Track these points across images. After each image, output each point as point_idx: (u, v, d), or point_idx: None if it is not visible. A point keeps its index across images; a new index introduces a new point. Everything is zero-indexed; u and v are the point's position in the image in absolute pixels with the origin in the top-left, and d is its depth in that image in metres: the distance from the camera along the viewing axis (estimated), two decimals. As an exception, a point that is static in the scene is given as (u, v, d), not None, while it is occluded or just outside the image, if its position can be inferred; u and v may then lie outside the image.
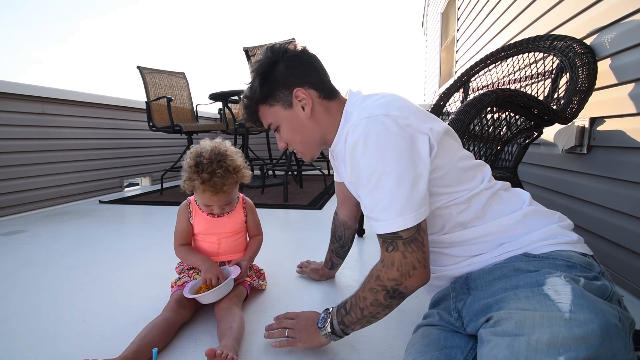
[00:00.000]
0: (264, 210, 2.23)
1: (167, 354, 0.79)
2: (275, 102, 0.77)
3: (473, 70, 1.68)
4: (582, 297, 0.48)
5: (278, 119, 0.78)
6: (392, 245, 0.62)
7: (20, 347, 0.83)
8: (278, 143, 0.83)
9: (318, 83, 0.77)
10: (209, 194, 0.96)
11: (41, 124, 2.44)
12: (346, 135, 0.66)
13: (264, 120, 0.81)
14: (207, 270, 0.96)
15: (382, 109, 0.64)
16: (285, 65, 0.75)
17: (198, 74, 19.13)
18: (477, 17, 2.78)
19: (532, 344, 0.44)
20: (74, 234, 1.81)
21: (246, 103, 0.81)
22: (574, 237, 0.63)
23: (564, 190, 1.43)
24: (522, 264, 0.59)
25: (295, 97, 0.75)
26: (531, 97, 1.06)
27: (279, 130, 0.80)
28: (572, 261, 0.57)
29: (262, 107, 0.79)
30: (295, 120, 0.77)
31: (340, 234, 1.08)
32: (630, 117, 1.05)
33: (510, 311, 0.50)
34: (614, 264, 1.12)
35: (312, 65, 0.77)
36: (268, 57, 0.76)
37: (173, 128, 2.79)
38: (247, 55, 2.74)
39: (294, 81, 0.75)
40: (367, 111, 0.65)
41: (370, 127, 0.62)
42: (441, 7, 4.76)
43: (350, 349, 0.80)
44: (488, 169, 0.72)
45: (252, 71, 0.79)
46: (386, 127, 0.61)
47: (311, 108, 0.76)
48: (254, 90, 0.78)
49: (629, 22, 1.05)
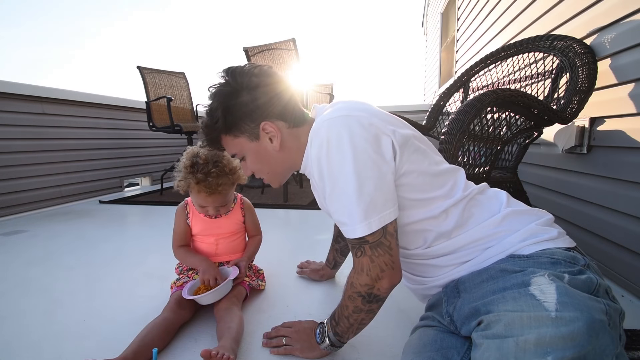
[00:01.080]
0: (264, 210, 2.23)
1: (167, 354, 0.79)
2: (241, 134, 0.73)
3: (473, 70, 1.68)
4: (567, 295, 0.48)
5: (243, 150, 0.75)
6: (360, 250, 0.62)
7: (20, 347, 0.83)
8: (244, 170, 0.80)
9: (285, 113, 0.73)
10: (203, 194, 0.96)
11: (41, 124, 2.44)
12: (310, 143, 0.65)
13: (227, 149, 0.78)
14: (205, 271, 0.96)
15: (344, 110, 0.63)
16: (250, 96, 0.70)
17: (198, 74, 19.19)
18: (477, 17, 2.78)
19: (521, 345, 0.45)
20: (74, 234, 1.81)
21: (207, 131, 0.75)
22: (553, 232, 0.62)
23: (564, 190, 1.43)
24: (507, 264, 0.59)
25: (262, 129, 0.72)
26: (531, 97, 1.06)
27: (244, 160, 0.77)
28: (556, 257, 0.57)
29: (225, 137, 0.75)
30: (263, 152, 0.74)
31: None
32: (630, 117, 1.05)
33: (500, 314, 0.50)
34: (614, 264, 1.12)
35: (277, 92, 0.72)
36: (230, 85, 0.71)
37: (173, 128, 2.79)
38: (247, 55, 2.73)
39: (260, 113, 0.71)
40: (328, 115, 0.64)
41: (332, 130, 0.61)
42: (441, 7, 4.76)
43: (350, 349, 0.80)
44: (462, 173, 0.70)
45: (211, 98, 0.73)
46: (349, 128, 0.60)
47: (280, 141, 0.73)
48: (215, 120, 0.72)
49: (629, 22, 1.05)
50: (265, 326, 0.90)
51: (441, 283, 0.70)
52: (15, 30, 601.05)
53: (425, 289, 0.75)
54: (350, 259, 0.67)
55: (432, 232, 0.66)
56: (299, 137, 0.74)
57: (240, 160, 0.78)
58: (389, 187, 0.61)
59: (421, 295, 0.79)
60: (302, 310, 0.98)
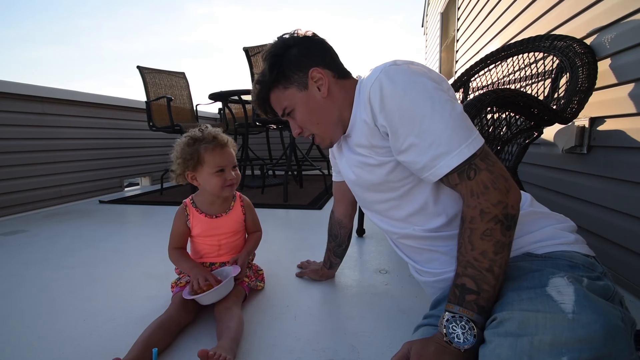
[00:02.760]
0: (264, 210, 2.23)
1: (167, 354, 0.79)
2: (290, 85, 0.74)
3: (473, 70, 1.67)
4: (585, 298, 0.48)
5: (293, 102, 0.75)
6: (473, 169, 0.56)
7: (20, 347, 0.83)
8: (293, 130, 0.79)
9: (332, 63, 0.76)
10: (218, 150, 0.97)
11: (41, 124, 2.44)
12: (368, 92, 0.63)
13: (277, 105, 0.77)
14: (194, 275, 0.95)
15: (392, 61, 0.64)
16: (298, 48, 0.74)
17: (198, 74, 19.00)
18: (477, 17, 2.78)
19: (535, 344, 0.44)
20: (74, 234, 1.82)
21: (258, 89, 0.77)
22: (571, 237, 0.63)
23: (564, 190, 1.43)
24: (525, 263, 0.59)
25: (310, 77, 0.73)
26: (531, 97, 1.06)
27: (293, 115, 0.76)
28: (575, 261, 0.57)
29: (275, 91, 0.76)
30: (312, 102, 0.74)
31: (336, 233, 1.08)
32: (630, 117, 1.05)
33: (514, 312, 0.50)
34: (614, 264, 1.12)
35: (325, 47, 0.76)
36: (279, 42, 0.75)
37: (173, 128, 2.79)
38: (247, 55, 2.74)
39: (308, 62, 0.73)
40: (379, 68, 0.63)
41: (393, 73, 0.61)
42: (441, 7, 4.75)
43: (350, 349, 0.80)
44: None
45: (264, 58, 0.76)
46: (408, 68, 0.61)
47: (327, 88, 0.74)
48: (265, 74, 0.75)
49: (629, 22, 1.05)
50: (266, 326, 0.90)
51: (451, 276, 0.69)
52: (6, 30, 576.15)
53: (437, 281, 0.74)
54: (350, 259, 0.66)
55: (454, 208, 0.67)
56: (345, 89, 0.75)
57: (288, 116, 0.77)
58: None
59: (431, 287, 0.77)
60: (302, 310, 0.98)
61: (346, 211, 1.05)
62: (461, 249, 0.57)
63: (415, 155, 0.60)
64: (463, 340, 0.52)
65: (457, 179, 0.58)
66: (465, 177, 0.57)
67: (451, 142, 0.56)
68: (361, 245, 1.52)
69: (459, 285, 0.56)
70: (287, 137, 4.09)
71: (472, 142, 0.57)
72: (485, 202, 0.54)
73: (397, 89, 0.59)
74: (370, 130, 0.67)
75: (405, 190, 0.70)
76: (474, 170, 0.56)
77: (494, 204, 0.54)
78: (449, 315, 0.55)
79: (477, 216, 0.55)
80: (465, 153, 0.56)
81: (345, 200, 1.03)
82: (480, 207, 0.55)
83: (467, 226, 0.56)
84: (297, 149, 3.07)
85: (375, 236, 1.63)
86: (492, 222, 0.54)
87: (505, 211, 0.54)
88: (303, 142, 4.20)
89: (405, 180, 0.69)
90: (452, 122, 0.57)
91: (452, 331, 0.53)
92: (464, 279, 0.56)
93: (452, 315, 0.54)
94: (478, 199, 0.55)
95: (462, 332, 0.53)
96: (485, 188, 0.55)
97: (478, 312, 0.54)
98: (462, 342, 0.52)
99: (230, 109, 3.50)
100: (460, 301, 0.55)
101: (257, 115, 2.67)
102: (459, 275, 0.57)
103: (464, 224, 0.57)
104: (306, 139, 0.77)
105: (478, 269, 0.54)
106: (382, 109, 0.61)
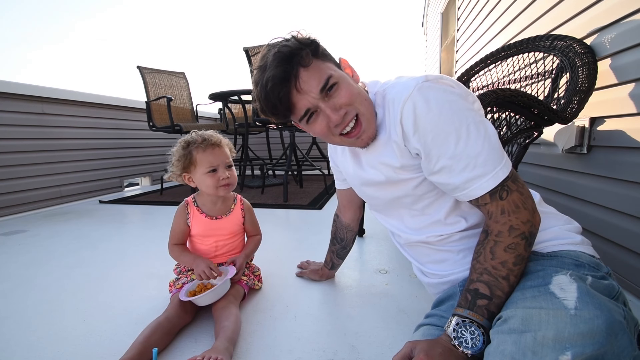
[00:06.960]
0: (263, 210, 2.23)
1: (167, 354, 0.79)
2: (327, 60, 0.65)
3: (473, 70, 1.67)
4: (588, 294, 0.48)
5: (337, 73, 0.64)
6: (505, 190, 0.58)
7: (20, 347, 0.83)
8: (332, 112, 0.63)
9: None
10: (209, 149, 0.98)
11: (41, 124, 2.44)
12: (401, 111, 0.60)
13: (316, 76, 0.61)
14: (197, 266, 0.96)
15: (423, 77, 0.60)
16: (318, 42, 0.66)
17: (198, 74, 18.94)
18: (477, 17, 2.78)
19: (539, 340, 0.45)
20: (74, 234, 1.82)
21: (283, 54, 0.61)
22: (577, 238, 0.64)
23: (564, 190, 1.43)
24: (530, 262, 0.60)
25: (342, 62, 0.69)
26: (531, 97, 1.06)
27: (337, 89, 0.62)
28: (581, 260, 0.58)
29: (314, 62, 0.62)
30: (350, 81, 0.66)
31: (343, 237, 1.07)
32: (630, 117, 1.05)
33: (517, 309, 0.50)
34: (614, 264, 1.12)
35: None
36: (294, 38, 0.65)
37: (173, 128, 2.79)
38: (247, 55, 2.74)
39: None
40: (411, 84, 0.60)
41: (426, 91, 0.58)
42: (441, 7, 4.75)
43: (350, 348, 0.80)
44: None
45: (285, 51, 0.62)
46: (441, 86, 0.59)
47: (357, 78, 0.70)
48: (301, 43, 0.62)
49: (629, 22, 1.05)
50: (265, 326, 0.90)
51: (461, 277, 0.70)
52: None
53: (440, 284, 0.74)
54: (350, 259, 0.66)
55: (473, 215, 0.67)
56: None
57: (330, 89, 0.62)
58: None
59: (434, 287, 0.78)
60: (302, 310, 0.98)
61: (354, 215, 1.04)
62: (479, 257, 0.59)
63: (447, 177, 0.61)
64: (472, 345, 0.53)
65: (489, 199, 0.59)
66: (497, 197, 0.58)
67: (486, 166, 0.57)
68: (361, 245, 1.52)
69: (471, 290, 0.58)
70: (287, 137, 4.10)
71: (505, 165, 0.58)
72: (515, 219, 0.57)
73: (432, 111, 0.58)
74: (401, 151, 0.65)
75: (428, 202, 0.70)
76: (506, 192, 0.58)
77: (523, 222, 0.57)
78: (458, 320, 0.56)
79: (505, 231, 0.57)
80: (500, 176, 0.58)
81: (353, 206, 1.02)
82: (510, 223, 0.57)
83: (492, 238, 0.58)
84: (297, 148, 3.07)
85: (375, 236, 1.63)
86: (519, 237, 0.56)
87: (531, 229, 0.57)
88: (303, 142, 4.20)
89: (430, 193, 0.69)
90: (486, 144, 0.58)
91: (460, 336, 0.54)
92: (478, 284, 0.57)
93: (462, 320, 0.55)
94: (509, 216, 0.57)
95: (470, 338, 0.54)
96: (516, 207, 0.57)
97: (488, 318, 0.55)
98: (471, 347, 0.53)
99: (230, 109, 3.50)
100: (471, 305, 0.56)
101: (257, 115, 2.67)
102: (472, 281, 0.58)
103: (489, 235, 0.59)
104: (345, 125, 0.64)
105: (494, 276, 0.56)
106: (416, 131, 0.60)
